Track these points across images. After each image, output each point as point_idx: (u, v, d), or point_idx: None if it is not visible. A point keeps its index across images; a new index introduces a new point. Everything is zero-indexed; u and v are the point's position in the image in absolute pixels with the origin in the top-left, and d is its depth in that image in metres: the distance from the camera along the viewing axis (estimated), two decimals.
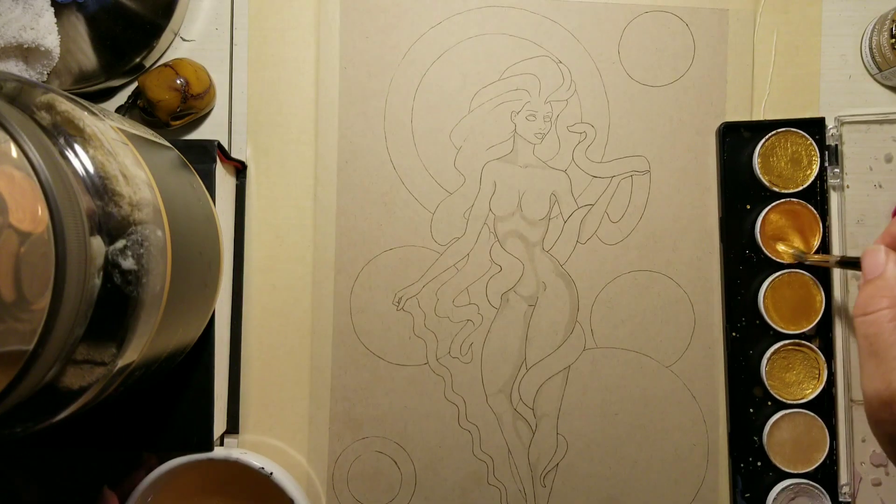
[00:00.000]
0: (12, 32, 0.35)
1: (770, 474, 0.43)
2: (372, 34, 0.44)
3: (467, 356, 0.44)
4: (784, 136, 0.43)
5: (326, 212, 0.44)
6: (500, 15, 0.44)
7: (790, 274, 0.43)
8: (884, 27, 0.42)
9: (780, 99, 0.45)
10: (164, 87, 0.41)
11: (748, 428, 0.43)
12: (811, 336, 0.43)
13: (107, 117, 0.31)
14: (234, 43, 0.44)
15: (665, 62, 0.44)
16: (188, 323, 0.35)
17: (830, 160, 0.43)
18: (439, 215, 0.44)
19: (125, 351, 0.28)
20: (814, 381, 0.43)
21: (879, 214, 0.44)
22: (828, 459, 0.43)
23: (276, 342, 0.44)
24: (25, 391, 0.25)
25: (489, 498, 0.44)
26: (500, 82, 0.44)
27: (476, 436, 0.44)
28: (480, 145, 0.44)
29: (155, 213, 0.29)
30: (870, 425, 0.28)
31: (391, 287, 0.44)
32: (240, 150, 0.44)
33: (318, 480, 0.44)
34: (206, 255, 0.36)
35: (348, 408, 0.44)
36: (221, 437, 0.43)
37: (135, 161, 0.29)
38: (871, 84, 0.45)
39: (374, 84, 0.44)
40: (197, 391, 0.38)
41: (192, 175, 0.37)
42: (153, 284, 0.28)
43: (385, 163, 0.44)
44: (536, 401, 0.44)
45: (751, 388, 0.43)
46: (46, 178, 0.24)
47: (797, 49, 0.45)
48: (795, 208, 0.43)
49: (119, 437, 0.38)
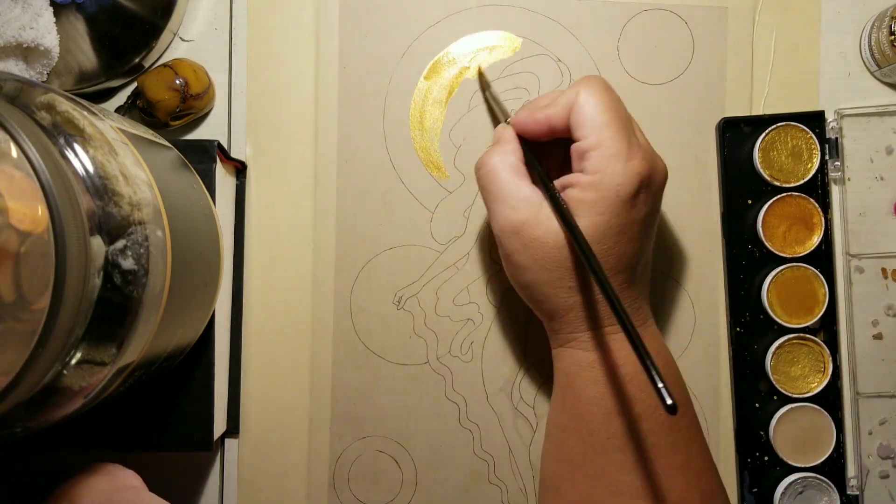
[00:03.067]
0: (12, 32, 0.35)
1: (777, 469, 0.43)
2: (371, 33, 0.44)
3: (468, 355, 0.44)
4: (784, 130, 0.43)
5: (326, 211, 0.44)
6: (499, 13, 0.44)
7: (793, 268, 0.43)
8: (883, 24, 0.42)
9: (780, 97, 0.45)
10: (163, 88, 0.40)
11: (754, 423, 0.43)
12: (815, 329, 0.43)
13: (107, 117, 0.31)
14: (234, 43, 0.44)
15: (664, 60, 0.44)
16: (188, 323, 0.35)
17: (831, 153, 0.43)
18: (439, 214, 0.44)
19: (125, 351, 0.28)
20: (819, 375, 0.43)
21: (881, 206, 0.44)
22: (835, 453, 0.43)
23: (276, 342, 0.44)
24: (25, 391, 0.25)
25: (490, 497, 0.44)
26: (499, 80, 0.44)
27: (477, 435, 0.44)
28: (480, 144, 0.44)
29: (155, 213, 0.29)
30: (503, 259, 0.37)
31: (391, 286, 0.44)
32: (239, 150, 0.44)
33: (319, 480, 0.44)
34: (206, 255, 0.36)
35: (349, 407, 0.44)
36: (222, 437, 0.43)
37: (135, 161, 0.29)
38: (871, 81, 0.45)
39: (374, 83, 0.44)
40: (197, 391, 0.38)
41: (192, 175, 0.37)
42: (153, 284, 0.28)
43: (385, 162, 0.44)
44: (537, 400, 0.44)
45: (756, 383, 0.43)
46: (46, 178, 0.24)
47: (796, 47, 0.45)
48: (797, 202, 0.43)
49: (119, 437, 0.38)
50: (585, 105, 0.35)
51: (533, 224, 0.35)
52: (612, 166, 0.34)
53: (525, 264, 0.35)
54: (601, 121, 0.34)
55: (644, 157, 0.35)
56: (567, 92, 0.36)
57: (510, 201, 0.35)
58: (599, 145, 0.34)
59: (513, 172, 0.36)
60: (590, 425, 0.35)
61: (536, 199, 0.35)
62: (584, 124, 0.35)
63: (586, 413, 0.35)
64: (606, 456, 0.35)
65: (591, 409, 0.35)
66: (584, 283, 0.35)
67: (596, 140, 0.34)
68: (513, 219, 0.35)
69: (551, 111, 0.36)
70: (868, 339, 0.43)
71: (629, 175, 0.34)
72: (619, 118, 0.35)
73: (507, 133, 0.38)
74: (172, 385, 0.38)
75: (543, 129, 0.36)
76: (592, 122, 0.34)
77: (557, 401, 0.38)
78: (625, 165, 0.34)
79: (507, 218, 0.35)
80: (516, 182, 0.36)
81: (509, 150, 0.37)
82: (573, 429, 0.36)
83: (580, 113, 0.35)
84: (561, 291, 0.35)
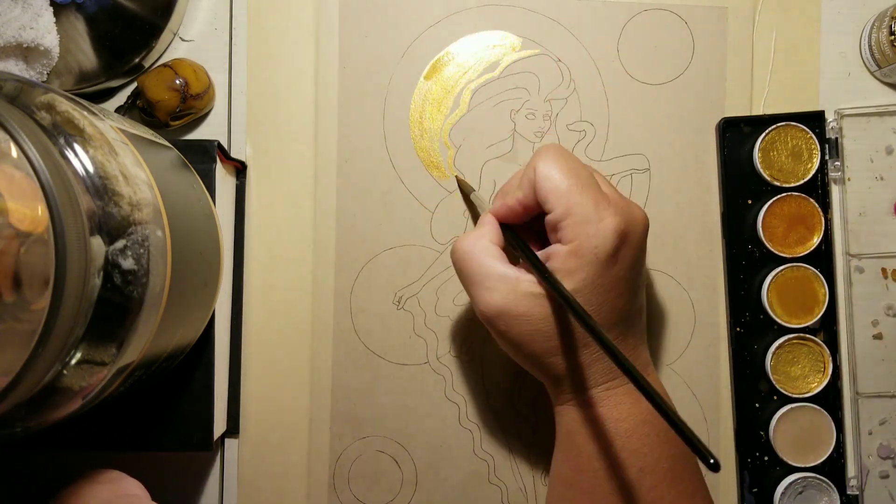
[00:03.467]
0: (12, 32, 0.35)
1: (777, 469, 0.43)
2: (371, 33, 0.44)
3: (468, 355, 0.44)
4: (784, 130, 0.43)
5: (326, 211, 0.44)
6: (499, 13, 0.44)
7: (793, 268, 0.43)
8: (883, 24, 0.42)
9: (780, 97, 0.44)
10: (163, 88, 0.40)
11: (754, 423, 0.43)
12: (815, 329, 0.43)
13: (107, 117, 0.31)
14: (234, 43, 0.44)
15: (664, 60, 0.44)
16: (188, 323, 0.35)
17: (831, 153, 0.43)
18: (439, 214, 0.44)
19: (125, 351, 0.28)
20: (819, 375, 0.43)
21: (881, 206, 0.44)
22: (835, 453, 0.43)
23: (276, 342, 0.44)
24: (25, 391, 0.25)
25: (490, 497, 0.44)
26: (499, 80, 0.44)
27: (477, 435, 0.44)
28: (480, 144, 0.44)
29: (155, 213, 0.29)
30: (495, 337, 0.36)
31: (391, 286, 0.44)
32: (239, 150, 0.44)
33: (319, 480, 0.44)
34: (206, 255, 0.36)
35: (349, 407, 0.44)
36: (222, 437, 0.43)
37: (135, 161, 0.29)
38: (871, 81, 0.45)
39: (374, 83, 0.44)
40: (197, 391, 0.38)
41: (192, 175, 0.37)
42: (153, 284, 0.28)
43: (385, 162, 0.44)
44: (537, 400, 0.44)
45: (756, 383, 0.43)
46: (46, 178, 0.24)
47: (796, 47, 0.45)
48: (797, 202, 0.43)
49: (119, 437, 0.38)
50: (545, 179, 0.35)
51: (513, 302, 0.34)
52: (586, 230, 0.33)
53: (517, 342, 0.35)
54: (563, 189, 0.34)
55: (616, 211, 0.34)
56: (526, 170, 0.36)
57: (486, 282, 0.35)
58: (568, 214, 0.34)
59: (485, 253, 0.35)
60: (592, 481, 0.35)
61: (512, 275, 0.35)
62: (548, 198, 0.34)
63: (588, 468, 0.35)
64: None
65: (593, 465, 0.35)
66: (578, 346, 0.35)
67: (564, 210, 0.34)
68: (492, 301, 0.35)
69: (520, 194, 0.36)
70: (868, 339, 0.43)
71: (604, 235, 0.33)
72: (580, 180, 0.34)
73: (484, 218, 0.38)
74: (172, 385, 0.38)
75: (519, 211, 0.36)
76: (555, 192, 0.34)
77: (560, 455, 0.37)
78: (597, 227, 0.33)
79: (487, 301, 0.35)
80: (490, 263, 0.35)
81: (482, 233, 0.37)
82: (575, 484, 0.36)
83: (542, 187, 0.35)
84: (557, 359, 0.35)
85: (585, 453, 0.35)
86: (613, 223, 0.34)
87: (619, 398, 0.35)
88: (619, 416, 0.35)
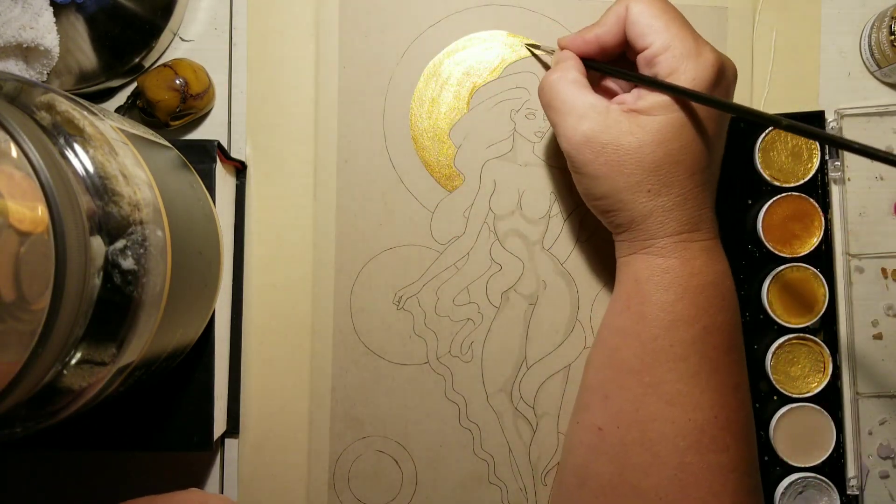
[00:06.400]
0: (11, 32, 0.35)
1: (777, 468, 0.43)
2: (371, 33, 0.44)
3: (468, 355, 0.44)
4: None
5: (326, 212, 0.44)
6: (499, 13, 0.44)
7: (793, 268, 0.43)
8: (883, 24, 0.42)
9: (780, 96, 0.45)
10: (163, 88, 0.40)
11: (754, 422, 0.43)
12: (815, 329, 0.43)
13: (107, 117, 0.31)
14: (234, 43, 0.44)
15: None
16: (188, 323, 0.35)
17: (831, 153, 0.43)
18: (439, 214, 0.44)
19: (125, 351, 0.28)
20: (819, 375, 0.43)
21: (881, 206, 0.44)
22: (835, 453, 0.43)
23: (276, 342, 0.44)
24: (25, 391, 0.25)
25: (490, 497, 0.44)
26: (498, 80, 0.44)
27: (477, 435, 0.44)
28: (480, 144, 0.44)
29: (155, 213, 0.29)
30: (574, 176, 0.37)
31: (391, 286, 0.44)
32: (239, 150, 0.44)
33: (319, 480, 0.44)
34: (206, 255, 0.36)
35: (349, 407, 0.44)
36: (222, 437, 0.43)
37: (135, 161, 0.29)
38: (871, 81, 0.45)
39: (374, 83, 0.44)
40: (197, 391, 0.38)
41: (192, 175, 0.37)
42: (153, 284, 0.28)
43: (384, 162, 0.44)
44: (537, 399, 0.44)
45: (756, 383, 0.43)
46: (46, 178, 0.24)
47: (796, 47, 0.45)
48: (797, 202, 0.43)
49: (119, 437, 0.38)
50: (640, 14, 0.35)
51: (603, 130, 0.34)
52: (685, 64, 0.34)
53: (600, 173, 0.35)
54: (661, 24, 0.34)
55: (713, 49, 0.35)
56: (613, 8, 0.36)
57: (576, 111, 0.35)
58: (667, 48, 0.34)
59: (574, 85, 0.36)
60: (653, 330, 0.35)
61: (602, 105, 0.35)
62: (645, 32, 0.35)
63: (651, 317, 0.35)
64: (665, 364, 0.34)
65: (658, 314, 0.35)
66: (664, 186, 0.35)
67: (662, 44, 0.34)
68: (581, 128, 0.35)
69: (599, 30, 0.36)
70: (868, 339, 0.43)
71: (704, 68, 0.34)
72: (678, 18, 0.35)
73: (563, 54, 0.38)
74: (172, 385, 0.38)
75: (594, 48, 0.37)
76: (653, 27, 0.34)
77: (619, 305, 0.37)
78: (697, 60, 0.34)
79: (576, 128, 0.35)
80: (579, 92, 0.35)
81: (567, 66, 0.37)
82: (634, 333, 0.36)
83: (638, 23, 0.35)
84: (640, 196, 0.35)
85: (651, 302, 0.35)
86: (713, 57, 0.34)
87: (694, 252, 0.35)
88: (693, 270, 0.35)
